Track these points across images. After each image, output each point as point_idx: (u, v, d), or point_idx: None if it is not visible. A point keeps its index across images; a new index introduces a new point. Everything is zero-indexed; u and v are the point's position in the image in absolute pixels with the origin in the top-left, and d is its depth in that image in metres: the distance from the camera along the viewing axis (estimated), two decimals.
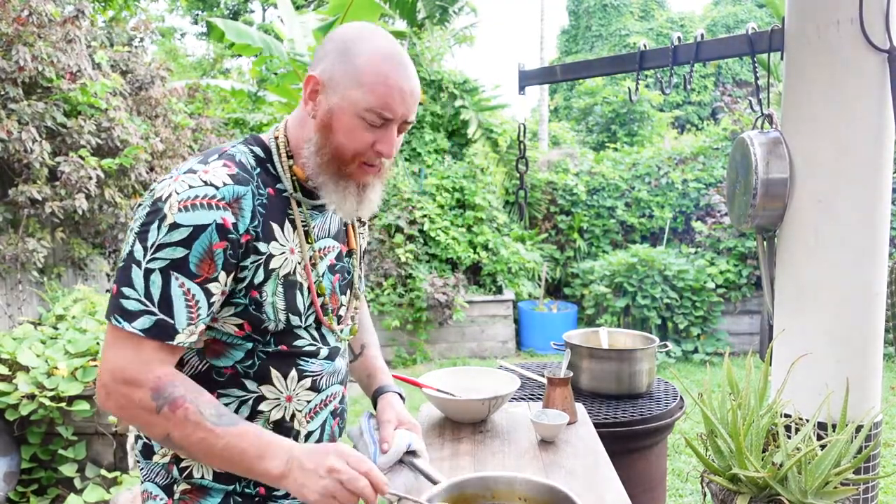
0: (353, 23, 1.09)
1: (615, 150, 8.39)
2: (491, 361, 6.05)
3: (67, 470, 2.80)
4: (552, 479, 1.24)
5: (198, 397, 0.97)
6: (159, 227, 0.95)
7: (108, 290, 4.47)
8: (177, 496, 1.08)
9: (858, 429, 1.54)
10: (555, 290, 7.38)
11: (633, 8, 15.55)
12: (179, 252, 0.95)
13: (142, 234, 0.96)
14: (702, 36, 2.15)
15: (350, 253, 1.24)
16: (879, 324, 1.81)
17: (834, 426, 1.56)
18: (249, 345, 1.06)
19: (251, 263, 1.02)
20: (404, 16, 8.01)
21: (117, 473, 2.84)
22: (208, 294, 0.98)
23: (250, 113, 7.49)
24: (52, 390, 2.76)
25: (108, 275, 4.46)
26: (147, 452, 1.11)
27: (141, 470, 1.13)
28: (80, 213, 3.62)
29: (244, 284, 1.02)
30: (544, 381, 1.63)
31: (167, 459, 1.09)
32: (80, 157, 3.59)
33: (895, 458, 3.75)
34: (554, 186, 7.48)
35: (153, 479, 1.11)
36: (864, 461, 1.63)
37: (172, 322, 0.95)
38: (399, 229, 6.50)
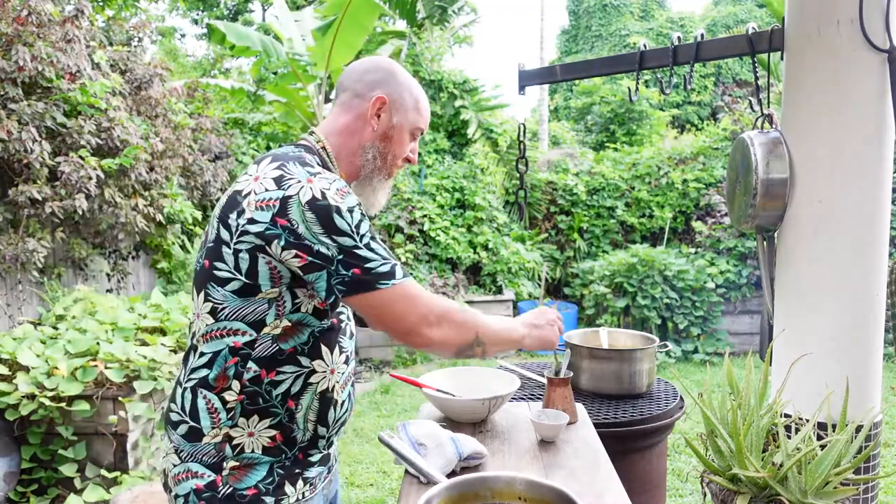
0: (376, 57, 1.39)
1: (615, 150, 8.39)
2: (491, 361, 6.05)
3: (67, 470, 2.80)
4: (552, 479, 1.24)
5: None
6: (343, 216, 1.14)
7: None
8: (225, 472, 1.18)
9: (858, 429, 1.54)
10: (555, 290, 7.38)
11: (633, 8, 15.56)
12: (367, 223, 1.19)
13: (333, 230, 1.13)
14: (702, 36, 2.15)
15: None
16: (879, 324, 1.81)
17: (834, 426, 1.56)
18: (315, 322, 1.23)
19: None
20: (404, 16, 8.01)
21: (117, 473, 2.84)
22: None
23: (249, 113, 7.49)
24: (52, 390, 2.76)
25: (108, 275, 4.46)
26: (195, 436, 1.20)
27: (180, 453, 1.21)
28: (80, 213, 3.62)
29: None
30: (544, 381, 1.63)
31: (219, 439, 1.19)
32: (80, 157, 3.59)
33: (895, 458, 3.75)
34: (554, 186, 7.47)
35: (199, 459, 1.20)
36: (864, 461, 1.63)
37: (398, 264, 1.21)
38: (399, 229, 6.49)
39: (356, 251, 1.15)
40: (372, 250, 1.17)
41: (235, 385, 1.18)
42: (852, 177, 1.74)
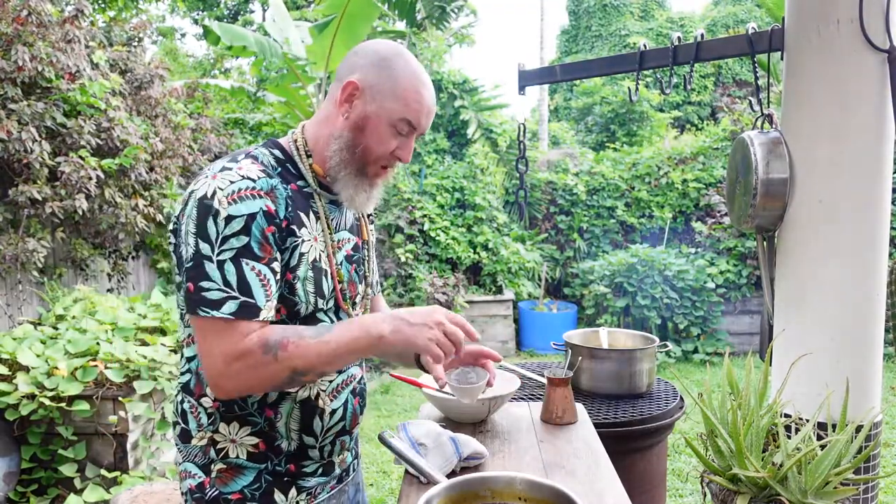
0: (382, 41, 1.22)
1: (615, 150, 8.39)
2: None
3: (67, 470, 2.80)
4: (552, 479, 1.24)
5: (295, 330, 1.07)
6: (216, 222, 1.05)
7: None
8: (214, 474, 1.18)
9: (858, 429, 1.54)
10: (555, 290, 7.38)
11: (633, 8, 15.54)
12: (242, 240, 1.05)
13: (202, 233, 1.05)
14: (702, 36, 2.15)
15: (364, 243, 1.35)
16: (879, 324, 1.81)
17: (834, 426, 1.56)
18: None
19: (290, 245, 1.13)
20: (404, 16, 8.01)
21: (117, 473, 2.84)
22: (274, 273, 1.09)
23: (250, 113, 7.49)
24: (52, 390, 2.76)
25: (108, 275, 4.46)
26: (185, 437, 1.21)
27: (179, 452, 1.23)
28: (81, 213, 3.62)
29: (282, 266, 1.12)
30: (544, 381, 1.63)
31: (204, 442, 1.19)
32: (80, 157, 3.59)
33: (895, 458, 3.75)
34: (554, 186, 7.48)
35: (192, 459, 1.20)
36: (864, 461, 1.63)
37: (254, 301, 1.05)
38: (399, 229, 6.49)
39: (204, 263, 1.04)
40: (222, 270, 1.04)
41: (210, 392, 1.16)
42: (852, 177, 1.74)
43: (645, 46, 2.28)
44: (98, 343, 3.03)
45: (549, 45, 13.45)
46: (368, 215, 1.42)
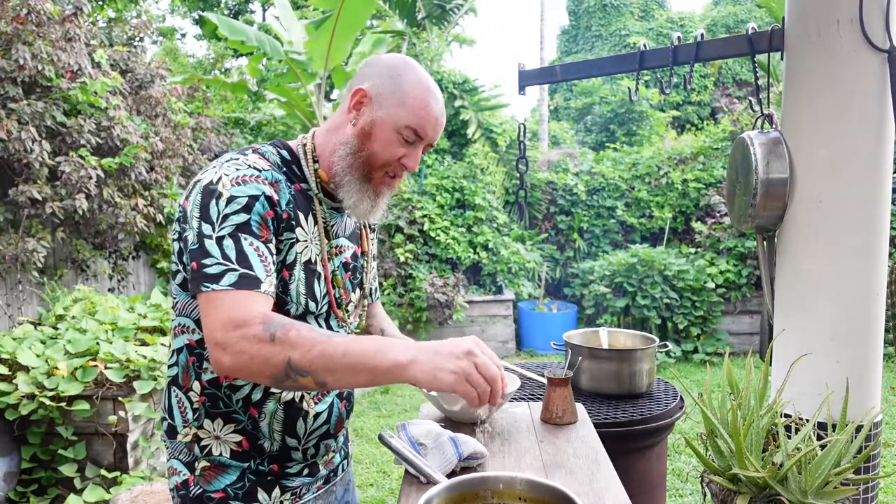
0: (394, 54, 1.23)
1: (615, 150, 8.39)
2: None
3: (67, 470, 2.80)
4: (552, 479, 1.24)
5: (304, 324, 1.01)
6: (218, 203, 1.06)
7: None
8: (198, 472, 1.19)
9: (858, 429, 1.54)
10: (555, 290, 7.38)
11: (633, 8, 15.54)
12: (242, 217, 1.06)
13: (204, 214, 1.06)
14: (702, 36, 2.15)
15: (363, 254, 1.36)
16: (879, 324, 1.81)
17: (834, 426, 1.56)
18: None
19: (286, 240, 1.13)
20: (404, 16, 8.01)
21: (117, 473, 2.84)
22: (271, 252, 1.08)
23: (250, 113, 7.49)
24: (52, 390, 2.76)
25: (109, 275, 4.46)
26: (171, 433, 1.22)
27: (167, 448, 1.24)
28: (81, 213, 3.62)
29: (279, 259, 1.12)
30: (544, 381, 1.63)
31: (189, 439, 1.20)
32: (80, 156, 3.59)
33: (895, 458, 3.75)
34: (554, 186, 7.48)
35: (177, 456, 1.21)
36: (864, 461, 1.63)
37: (254, 273, 1.03)
38: (399, 229, 6.49)
39: (205, 242, 1.03)
40: (221, 246, 1.03)
41: (196, 386, 1.17)
42: (852, 177, 1.74)
43: (645, 46, 2.28)
44: (98, 343, 3.03)
45: (549, 45, 13.44)
46: (370, 226, 1.42)
